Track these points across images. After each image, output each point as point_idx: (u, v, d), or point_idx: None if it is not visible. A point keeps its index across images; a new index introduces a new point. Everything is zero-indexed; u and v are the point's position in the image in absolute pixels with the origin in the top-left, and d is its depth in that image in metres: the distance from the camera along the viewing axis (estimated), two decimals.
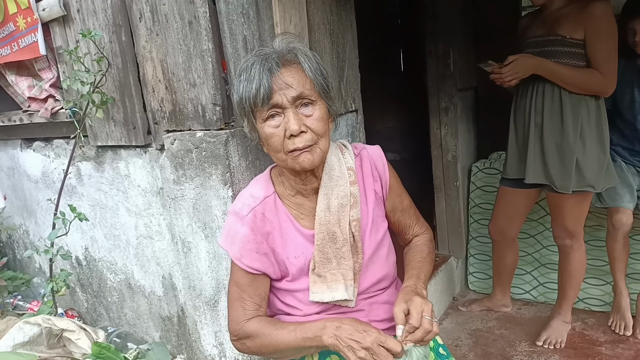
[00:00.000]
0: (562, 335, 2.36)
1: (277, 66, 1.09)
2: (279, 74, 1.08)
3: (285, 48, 1.14)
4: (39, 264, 2.55)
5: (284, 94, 1.09)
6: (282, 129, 1.10)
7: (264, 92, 1.07)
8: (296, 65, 1.12)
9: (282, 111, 1.10)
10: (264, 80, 1.07)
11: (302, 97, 1.10)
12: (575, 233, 2.24)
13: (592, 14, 1.97)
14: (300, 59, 1.12)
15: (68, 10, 1.76)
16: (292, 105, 1.10)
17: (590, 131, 2.07)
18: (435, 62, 2.80)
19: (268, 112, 1.10)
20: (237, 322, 1.21)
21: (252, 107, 1.11)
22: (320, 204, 1.21)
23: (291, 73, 1.10)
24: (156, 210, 1.77)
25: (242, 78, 1.11)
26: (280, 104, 1.09)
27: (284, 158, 1.13)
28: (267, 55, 1.11)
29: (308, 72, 1.12)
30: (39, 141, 2.23)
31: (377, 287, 1.29)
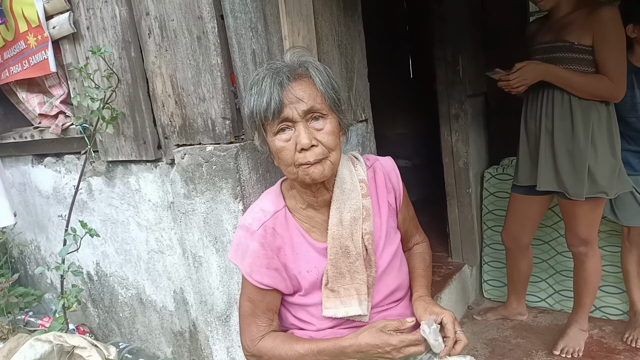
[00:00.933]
0: (580, 343, 2.31)
1: (288, 80, 1.08)
2: (289, 88, 1.08)
3: (297, 62, 1.13)
4: (51, 279, 2.56)
5: (294, 108, 1.08)
6: (292, 142, 1.10)
7: (275, 106, 1.07)
8: (307, 79, 1.11)
9: (293, 125, 1.10)
10: (275, 94, 1.07)
11: (312, 110, 1.09)
12: (589, 240, 2.20)
13: (600, 19, 1.94)
14: (312, 73, 1.12)
15: (78, 27, 1.77)
16: (302, 119, 1.09)
17: (601, 136, 2.05)
18: (444, 69, 2.79)
19: (279, 125, 1.09)
20: (251, 339, 1.20)
21: (263, 121, 1.11)
22: (332, 218, 1.20)
23: (302, 87, 1.09)
24: (167, 224, 1.77)
25: (253, 91, 1.11)
26: (291, 117, 1.08)
27: (295, 171, 1.12)
28: (278, 69, 1.10)
29: (319, 86, 1.11)
30: (50, 157, 2.24)
31: (391, 299, 1.28)
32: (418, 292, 1.27)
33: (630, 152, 2.22)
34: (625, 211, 2.25)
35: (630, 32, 2.09)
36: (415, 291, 1.28)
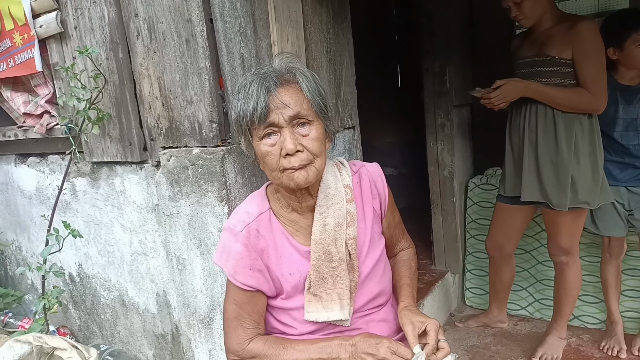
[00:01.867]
0: (558, 351, 2.35)
1: (275, 85, 1.09)
2: (276, 93, 1.09)
3: (284, 67, 1.14)
4: (32, 280, 2.52)
5: (280, 113, 1.08)
6: (278, 147, 1.10)
7: (261, 111, 1.07)
8: (294, 85, 1.12)
9: (279, 130, 1.10)
10: (262, 98, 1.07)
11: (298, 116, 1.10)
12: (570, 249, 2.24)
13: (579, 33, 1.98)
14: (299, 79, 1.12)
15: (65, 27, 1.77)
16: (288, 124, 1.10)
17: (584, 148, 2.08)
18: (432, 79, 2.82)
19: (264, 130, 1.10)
20: (238, 343, 1.20)
21: (249, 125, 1.11)
22: (316, 223, 1.21)
23: (289, 92, 1.10)
24: (151, 226, 1.76)
25: (240, 96, 1.12)
26: (277, 122, 1.09)
27: (279, 176, 1.13)
28: (265, 74, 1.11)
29: (306, 92, 1.12)
30: (34, 157, 2.22)
31: (373, 305, 1.29)
32: (404, 302, 1.27)
33: (612, 163, 2.27)
34: (606, 222, 2.30)
35: (612, 54, 2.14)
36: (401, 301, 1.29)
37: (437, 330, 1.14)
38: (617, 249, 2.35)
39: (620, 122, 2.23)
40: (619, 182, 2.27)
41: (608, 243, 2.36)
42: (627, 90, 2.20)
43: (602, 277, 2.42)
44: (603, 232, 2.32)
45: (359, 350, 1.11)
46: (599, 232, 2.34)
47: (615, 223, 2.29)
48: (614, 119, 2.23)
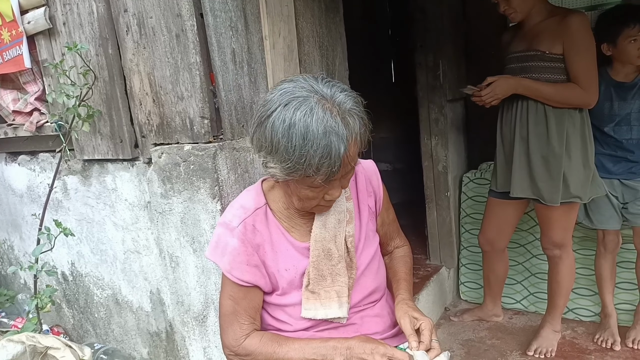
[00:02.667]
0: (553, 344, 2.36)
1: (347, 143, 0.98)
2: (346, 154, 0.99)
3: (347, 108, 1.01)
4: (24, 279, 2.51)
5: (341, 174, 1.04)
6: (323, 192, 1.08)
7: (331, 174, 1.00)
8: (355, 136, 1.02)
9: None
10: (336, 165, 0.98)
11: (352, 168, 1.08)
12: (563, 243, 2.25)
13: (569, 27, 1.97)
14: (358, 130, 1.02)
15: (54, 23, 1.75)
16: (341, 177, 1.07)
17: (575, 143, 2.09)
18: (425, 74, 2.82)
19: (323, 182, 1.03)
20: (234, 338, 1.19)
21: (304, 176, 1.02)
22: (316, 221, 1.20)
23: (354, 149, 1.03)
24: (144, 224, 1.75)
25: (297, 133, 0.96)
26: (335, 178, 1.04)
27: (311, 209, 1.15)
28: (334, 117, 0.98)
29: (360, 140, 1.04)
30: (24, 155, 2.19)
31: (368, 300, 1.29)
32: (401, 295, 1.27)
33: (605, 156, 2.27)
34: (600, 214, 2.31)
35: (606, 50, 2.15)
36: (398, 294, 1.29)
37: (431, 329, 1.13)
38: (612, 243, 2.36)
39: (613, 118, 2.23)
40: (612, 174, 2.28)
41: (603, 237, 2.37)
42: (622, 87, 2.20)
43: (597, 271, 2.42)
44: (597, 226, 2.33)
45: (354, 354, 1.10)
46: (593, 226, 2.35)
47: (609, 216, 2.30)
48: (609, 115, 2.23)
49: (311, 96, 0.99)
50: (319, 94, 1.00)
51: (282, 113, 0.98)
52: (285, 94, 1.01)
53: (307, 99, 0.99)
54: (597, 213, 2.31)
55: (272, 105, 1.01)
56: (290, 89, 1.01)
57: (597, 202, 2.27)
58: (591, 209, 2.32)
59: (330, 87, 1.02)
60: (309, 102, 0.98)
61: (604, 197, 2.24)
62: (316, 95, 1.00)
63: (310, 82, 1.03)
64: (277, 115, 0.99)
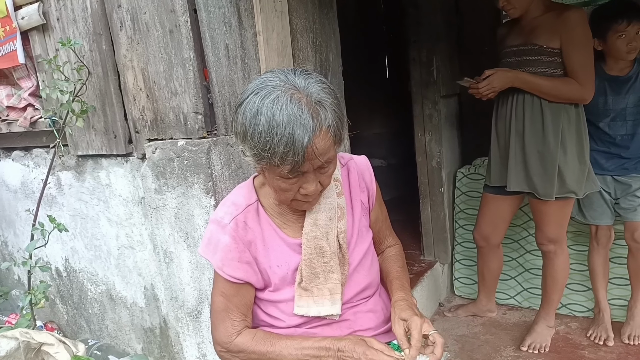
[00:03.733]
0: (546, 339, 2.37)
1: (313, 134, 0.97)
2: (313, 144, 0.98)
3: (314, 98, 1.00)
4: (18, 275, 2.50)
5: (311, 164, 1.03)
6: (297, 185, 1.07)
7: (295, 164, 0.99)
8: (326, 128, 1.01)
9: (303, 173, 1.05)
10: (299, 153, 0.97)
11: (326, 162, 1.06)
12: (558, 238, 2.26)
13: (567, 22, 1.98)
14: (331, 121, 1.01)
15: (48, 18, 1.74)
16: (314, 170, 1.06)
17: (570, 138, 2.09)
18: (419, 69, 2.82)
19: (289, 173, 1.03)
20: (226, 335, 1.19)
21: (270, 164, 1.01)
22: (307, 219, 1.20)
23: (323, 141, 1.01)
24: (138, 220, 1.75)
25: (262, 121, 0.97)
26: (306, 171, 1.04)
27: (288, 203, 1.14)
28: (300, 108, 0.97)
29: (334, 135, 1.03)
30: (18, 150, 2.19)
31: (362, 296, 1.29)
32: (395, 296, 1.27)
33: (599, 152, 2.28)
34: (593, 210, 2.32)
35: (597, 45, 2.15)
36: (394, 294, 1.28)
37: (418, 329, 1.11)
38: (604, 238, 2.37)
39: (608, 113, 2.24)
40: (605, 171, 2.29)
41: (595, 232, 2.38)
42: (616, 81, 2.21)
43: (590, 266, 2.44)
44: (590, 221, 2.34)
45: (345, 357, 1.11)
46: (586, 221, 2.36)
47: (602, 212, 2.31)
48: (603, 110, 2.24)
49: (282, 85, 0.99)
50: (290, 84, 1.00)
51: (252, 100, 0.99)
52: (260, 83, 1.02)
53: (277, 88, 0.99)
54: (590, 209, 2.32)
55: (246, 93, 1.02)
56: (266, 78, 1.02)
57: (590, 198, 2.28)
58: (584, 205, 2.33)
59: (306, 79, 1.02)
60: (278, 90, 0.99)
61: (596, 193, 2.26)
62: (287, 85, 1.00)
63: (287, 74, 1.03)
64: (248, 102, 1.00)
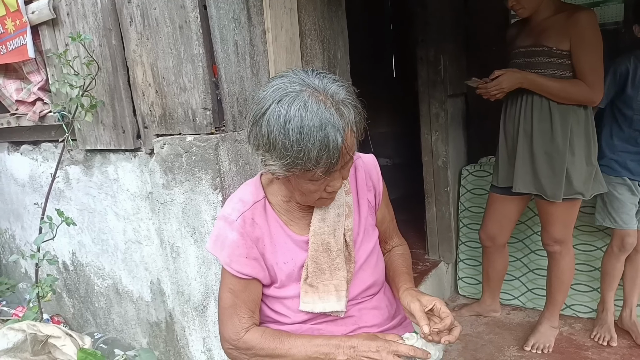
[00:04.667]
0: (550, 340, 2.37)
1: (343, 132, 0.98)
2: (344, 145, 0.99)
3: (338, 97, 1.01)
4: (25, 268, 2.52)
5: (342, 162, 1.04)
6: (324, 185, 1.08)
7: (331, 166, 0.99)
8: (351, 126, 1.02)
9: None
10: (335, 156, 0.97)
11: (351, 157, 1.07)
12: (564, 239, 2.25)
13: (577, 24, 1.98)
14: (353, 119, 1.02)
15: (58, 13, 1.75)
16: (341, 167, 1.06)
17: (579, 139, 2.09)
18: (426, 69, 2.82)
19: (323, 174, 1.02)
20: (234, 332, 1.18)
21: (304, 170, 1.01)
22: (315, 215, 1.21)
23: (350, 138, 1.02)
24: (145, 214, 1.76)
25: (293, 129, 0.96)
26: (335, 170, 1.04)
27: (313, 202, 1.14)
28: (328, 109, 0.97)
29: (356, 132, 1.04)
30: (27, 144, 2.20)
31: (367, 294, 1.29)
32: (405, 285, 1.27)
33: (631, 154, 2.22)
34: (625, 214, 2.24)
35: (637, 32, 2.13)
36: (402, 285, 1.29)
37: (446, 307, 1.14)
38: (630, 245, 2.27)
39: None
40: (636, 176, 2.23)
41: (622, 237, 2.28)
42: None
43: (604, 268, 2.38)
44: (622, 226, 2.25)
45: (360, 353, 1.11)
46: (616, 226, 2.27)
47: (632, 215, 2.25)
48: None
49: (303, 90, 0.99)
50: (311, 87, 0.99)
51: (276, 109, 0.98)
52: (278, 90, 1.00)
53: (299, 93, 0.98)
54: (622, 212, 2.24)
55: (266, 103, 1.00)
56: (282, 84, 1.01)
57: (622, 202, 2.23)
58: (614, 208, 2.26)
59: (322, 78, 1.02)
60: (302, 96, 0.98)
61: (629, 197, 2.22)
62: (308, 89, 0.99)
63: (301, 76, 1.02)
64: (272, 112, 0.98)
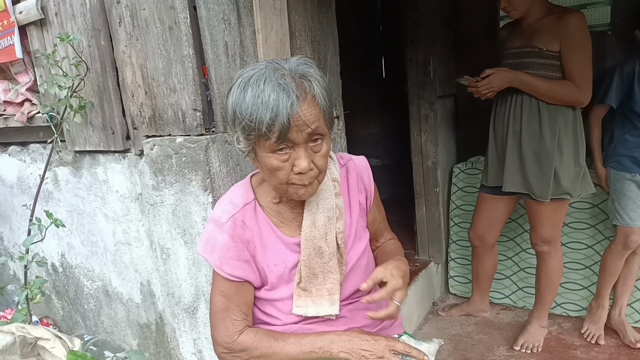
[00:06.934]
0: (539, 339, 2.39)
1: (298, 99, 1.00)
2: (299, 109, 1.00)
3: (299, 72, 1.04)
4: (14, 270, 2.50)
5: (300, 132, 1.03)
6: (290, 163, 1.06)
7: (282, 128, 0.99)
8: (312, 97, 1.04)
9: (293, 146, 1.05)
10: (284, 114, 0.98)
11: (315, 133, 1.06)
12: (552, 239, 2.28)
13: (567, 26, 2.00)
14: (316, 90, 1.04)
15: (46, 13, 1.74)
16: (305, 142, 1.05)
17: (567, 140, 2.11)
18: (416, 70, 2.83)
19: (279, 145, 1.04)
20: (228, 335, 1.18)
21: (259, 135, 1.03)
22: (305, 220, 1.20)
23: (310, 109, 1.02)
24: (135, 216, 1.75)
25: (249, 95, 1.01)
26: (295, 141, 1.04)
27: (285, 189, 1.11)
28: (282, 76, 1.01)
29: (322, 105, 1.05)
30: (15, 146, 2.19)
31: (358, 295, 1.29)
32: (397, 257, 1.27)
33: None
34: (633, 211, 2.24)
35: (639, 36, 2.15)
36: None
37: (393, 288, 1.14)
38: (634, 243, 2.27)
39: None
40: None
41: (627, 235, 2.27)
42: None
43: (606, 267, 2.36)
44: (630, 223, 2.25)
45: (355, 346, 1.11)
46: (624, 223, 2.26)
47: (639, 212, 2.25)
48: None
49: (266, 66, 1.05)
50: (274, 64, 1.05)
51: (239, 83, 1.04)
52: (247, 70, 1.07)
53: (262, 69, 1.04)
54: (629, 210, 2.24)
55: (233, 80, 1.07)
56: (253, 66, 1.08)
57: (630, 199, 2.23)
58: (621, 205, 2.26)
59: (289, 60, 1.07)
60: (263, 70, 1.03)
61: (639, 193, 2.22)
62: (272, 65, 1.05)
63: (272, 60, 1.08)
64: (235, 85, 1.05)
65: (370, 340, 1.12)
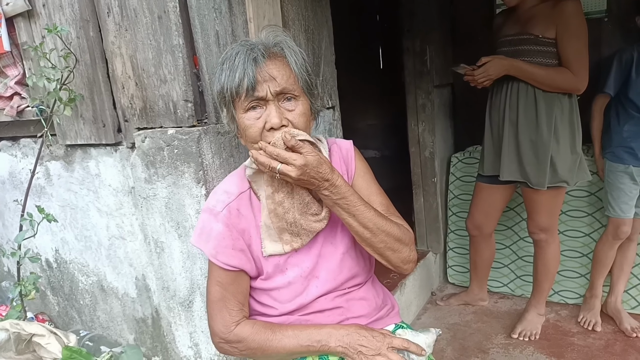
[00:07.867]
0: (537, 327, 2.40)
1: (263, 57, 1.07)
2: (264, 65, 1.06)
3: (272, 40, 1.11)
4: (7, 267, 2.48)
5: (267, 87, 1.07)
6: (262, 121, 1.09)
7: (248, 83, 1.05)
8: (282, 58, 1.10)
9: (264, 103, 1.09)
10: (249, 70, 1.05)
11: (285, 91, 1.09)
12: (549, 227, 2.27)
13: (563, 12, 1.98)
14: (287, 53, 1.10)
15: (33, 4, 1.70)
16: (274, 98, 1.08)
17: (563, 128, 2.10)
18: (412, 59, 2.81)
19: (250, 103, 1.08)
20: (225, 325, 1.17)
21: (233, 97, 1.09)
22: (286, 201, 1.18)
23: (277, 66, 1.08)
24: (128, 210, 1.73)
25: (225, 67, 1.09)
26: (264, 96, 1.07)
27: None
28: (252, 45, 1.09)
29: (293, 67, 1.10)
30: (5, 140, 2.16)
31: (353, 283, 1.28)
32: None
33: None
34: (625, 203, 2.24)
35: None
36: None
37: None
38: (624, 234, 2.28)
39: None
40: None
41: (617, 226, 2.28)
42: None
43: (598, 258, 2.38)
44: (620, 215, 2.26)
45: (353, 341, 1.11)
46: (614, 214, 2.27)
47: (631, 205, 2.26)
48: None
49: (244, 42, 1.12)
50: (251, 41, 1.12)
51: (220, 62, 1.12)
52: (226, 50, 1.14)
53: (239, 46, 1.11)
54: (621, 202, 2.25)
55: None
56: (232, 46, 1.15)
57: (623, 191, 2.23)
58: (613, 197, 2.26)
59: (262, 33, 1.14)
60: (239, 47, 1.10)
61: (632, 185, 2.22)
62: (247, 42, 1.12)
63: None
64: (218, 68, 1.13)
65: (368, 336, 1.12)
